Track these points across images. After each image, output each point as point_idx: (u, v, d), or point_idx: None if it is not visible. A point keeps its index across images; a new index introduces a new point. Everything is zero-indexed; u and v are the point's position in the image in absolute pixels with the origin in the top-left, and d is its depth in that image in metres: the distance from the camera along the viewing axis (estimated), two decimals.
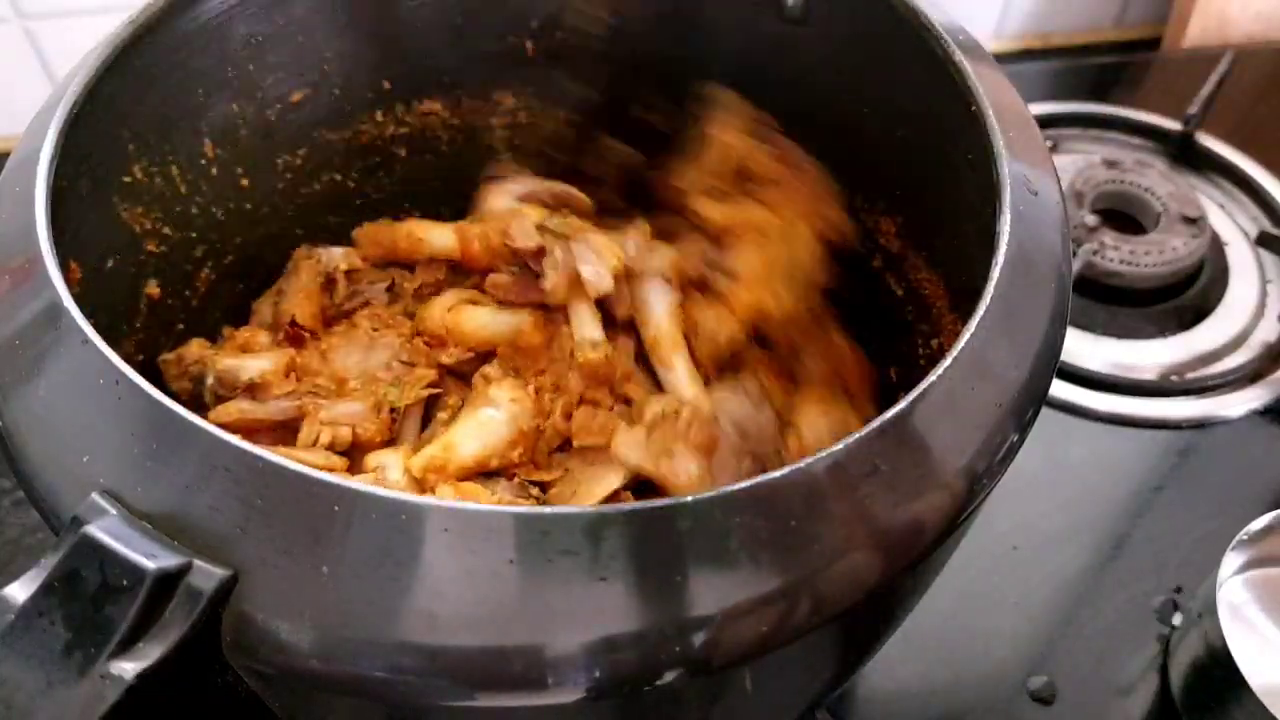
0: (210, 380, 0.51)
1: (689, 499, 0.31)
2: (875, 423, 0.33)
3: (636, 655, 0.30)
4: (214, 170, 0.54)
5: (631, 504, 0.31)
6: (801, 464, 0.32)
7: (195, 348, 0.52)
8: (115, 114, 0.46)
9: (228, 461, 0.32)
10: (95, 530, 0.30)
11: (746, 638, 0.31)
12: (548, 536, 0.30)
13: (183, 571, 0.30)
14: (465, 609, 0.30)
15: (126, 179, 0.48)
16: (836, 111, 0.56)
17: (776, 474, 0.32)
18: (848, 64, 0.53)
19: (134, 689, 0.29)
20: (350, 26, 0.56)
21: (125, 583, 0.30)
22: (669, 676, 0.31)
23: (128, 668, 0.29)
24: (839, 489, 0.32)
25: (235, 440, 0.32)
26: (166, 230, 0.52)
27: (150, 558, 0.30)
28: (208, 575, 0.30)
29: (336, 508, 0.30)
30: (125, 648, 0.29)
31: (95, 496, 0.32)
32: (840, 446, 0.33)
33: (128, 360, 0.34)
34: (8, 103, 0.85)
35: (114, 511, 0.31)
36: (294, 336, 0.55)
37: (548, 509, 0.30)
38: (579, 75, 0.61)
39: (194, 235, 0.54)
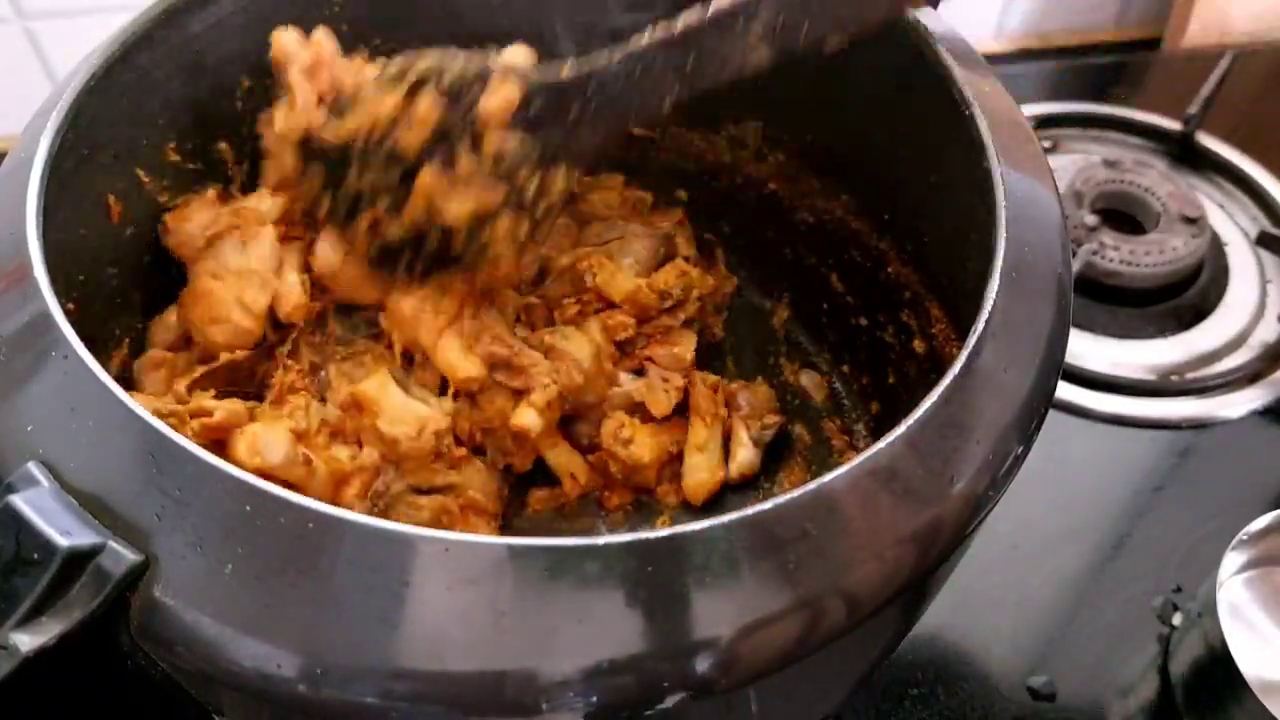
0: None
1: (687, 529, 0.30)
2: (881, 442, 0.33)
3: (635, 679, 0.30)
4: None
5: (630, 535, 0.31)
6: (810, 486, 0.32)
7: None
8: (113, 115, 0.46)
9: (153, 448, 0.32)
10: (18, 500, 0.30)
11: (751, 660, 0.31)
12: (542, 563, 0.30)
13: (95, 552, 0.30)
14: (457, 633, 0.30)
15: (122, 183, 0.48)
16: (834, 122, 0.56)
17: (782, 499, 0.31)
18: (846, 76, 0.52)
19: (29, 661, 0.29)
20: None
21: (36, 556, 0.30)
22: (670, 701, 0.30)
23: (25, 640, 0.29)
24: (844, 509, 0.32)
25: (163, 428, 0.32)
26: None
27: (65, 534, 0.30)
28: (118, 559, 0.30)
29: (311, 525, 0.30)
30: (27, 620, 0.30)
31: (30, 466, 0.32)
32: (845, 469, 0.32)
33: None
34: (8, 103, 0.85)
35: (45, 483, 0.31)
36: None
37: (544, 540, 0.30)
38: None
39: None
